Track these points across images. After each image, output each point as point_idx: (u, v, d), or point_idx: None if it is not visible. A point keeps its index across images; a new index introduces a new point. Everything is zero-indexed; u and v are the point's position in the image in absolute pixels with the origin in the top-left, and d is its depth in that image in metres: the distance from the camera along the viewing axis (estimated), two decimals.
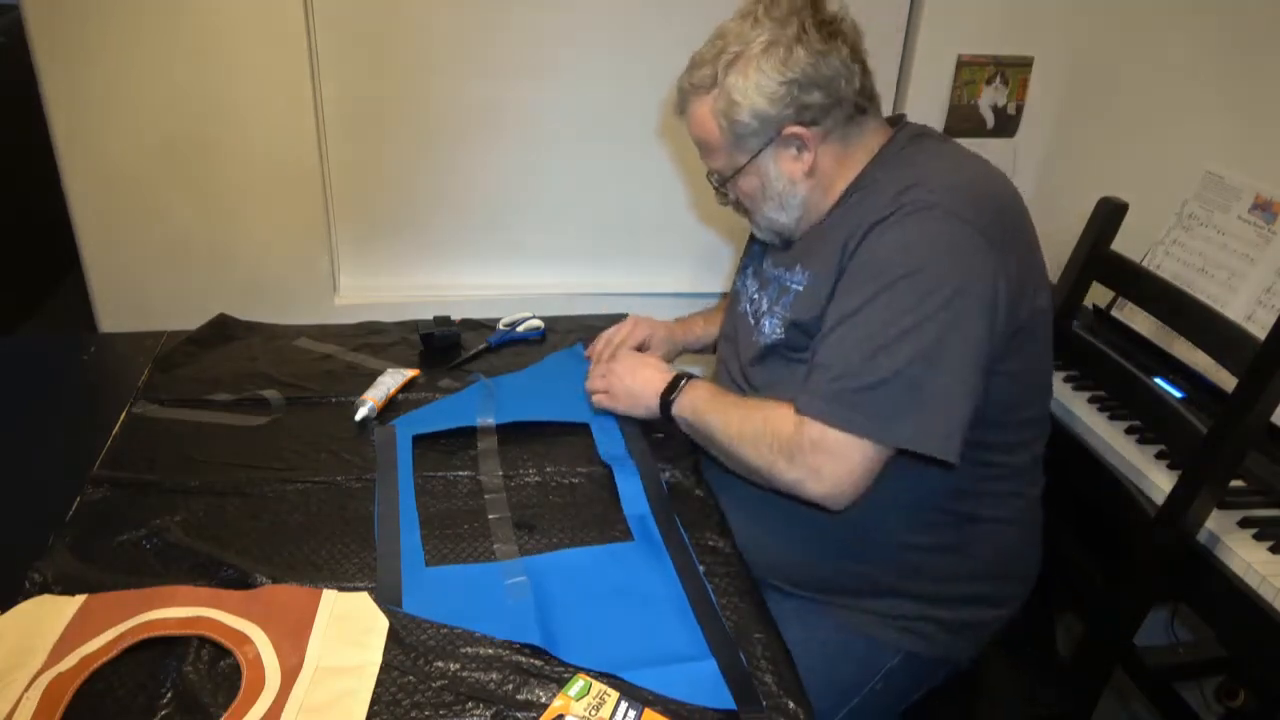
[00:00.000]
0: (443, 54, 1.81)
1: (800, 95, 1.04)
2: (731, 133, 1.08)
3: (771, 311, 1.15)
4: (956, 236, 0.97)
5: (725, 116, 1.07)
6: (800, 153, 1.08)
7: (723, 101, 1.06)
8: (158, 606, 0.90)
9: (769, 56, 1.03)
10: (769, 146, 1.08)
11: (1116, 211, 1.34)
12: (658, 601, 0.95)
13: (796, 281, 1.11)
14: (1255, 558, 1.12)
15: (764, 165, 1.09)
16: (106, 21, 1.64)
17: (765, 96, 1.04)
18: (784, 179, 1.10)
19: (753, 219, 1.18)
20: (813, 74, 1.03)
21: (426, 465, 1.16)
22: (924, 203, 0.98)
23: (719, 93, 1.06)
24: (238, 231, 1.85)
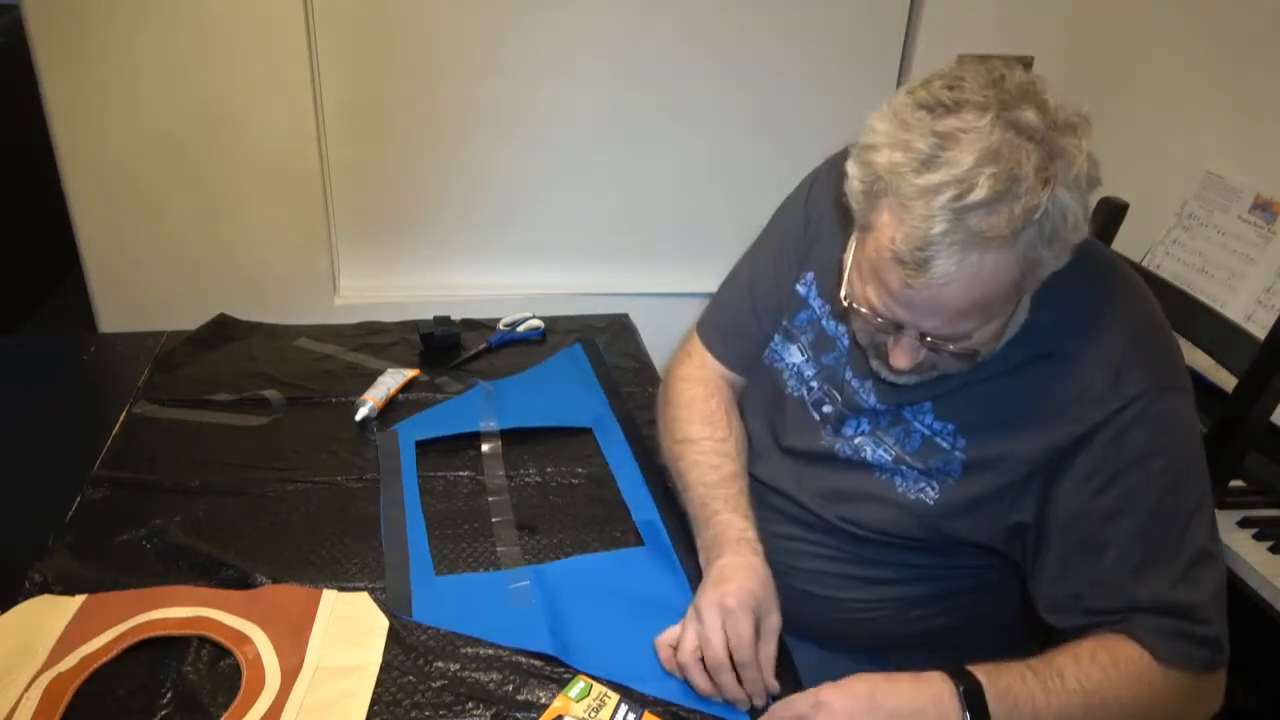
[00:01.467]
0: (443, 54, 1.81)
1: None
2: (1028, 279, 0.78)
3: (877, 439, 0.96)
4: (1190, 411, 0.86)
5: (1029, 266, 0.76)
6: None
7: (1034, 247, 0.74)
8: (158, 606, 0.90)
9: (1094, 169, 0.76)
10: None
11: (1116, 211, 1.34)
12: (667, 609, 0.94)
13: (928, 428, 0.92)
14: (1255, 558, 1.12)
15: (1022, 306, 0.85)
16: (106, 21, 1.64)
17: (1087, 223, 0.77)
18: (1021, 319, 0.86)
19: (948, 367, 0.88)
20: None
21: (428, 466, 1.16)
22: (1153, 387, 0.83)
23: (1038, 230, 0.73)
24: (238, 231, 1.85)
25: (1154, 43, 1.80)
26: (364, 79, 1.81)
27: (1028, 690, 0.79)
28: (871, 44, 1.96)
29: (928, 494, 0.92)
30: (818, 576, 1.01)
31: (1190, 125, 1.71)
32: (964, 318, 0.79)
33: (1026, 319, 0.86)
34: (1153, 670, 0.82)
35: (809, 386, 1.04)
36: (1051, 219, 0.73)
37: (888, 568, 0.98)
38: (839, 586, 1.01)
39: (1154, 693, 0.81)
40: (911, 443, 0.94)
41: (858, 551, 0.99)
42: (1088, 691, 0.80)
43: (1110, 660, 0.82)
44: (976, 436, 0.89)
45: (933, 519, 0.92)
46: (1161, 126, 1.78)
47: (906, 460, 0.93)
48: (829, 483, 1.00)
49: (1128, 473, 0.83)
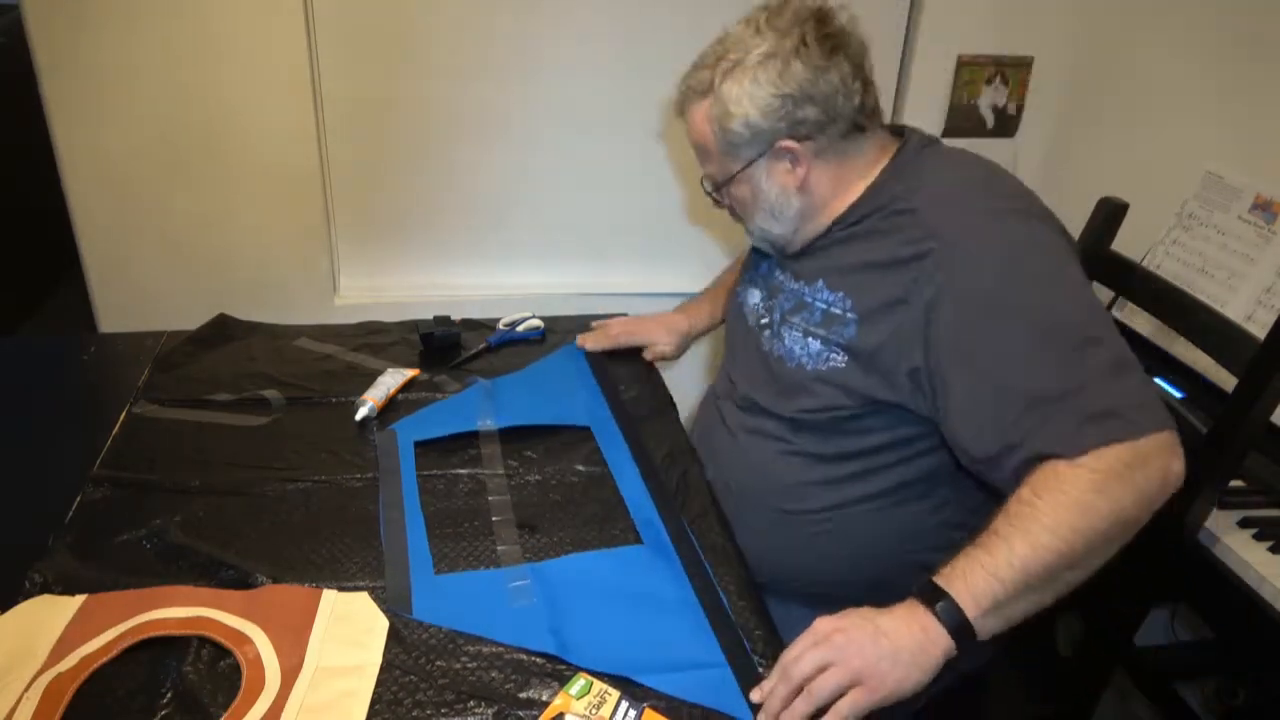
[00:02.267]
0: (443, 54, 1.81)
1: (794, 110, 1.03)
2: (725, 140, 1.07)
3: (787, 323, 1.12)
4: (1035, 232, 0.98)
5: (719, 124, 1.06)
6: (794, 166, 1.07)
7: (717, 108, 1.06)
8: (158, 606, 0.90)
9: (765, 68, 1.02)
10: (761, 158, 1.07)
11: (1116, 211, 1.34)
12: (670, 607, 0.95)
13: (824, 301, 1.08)
14: (1255, 558, 1.12)
15: (756, 175, 1.09)
16: (106, 21, 1.64)
17: (758, 108, 1.03)
18: (776, 190, 1.09)
19: (746, 226, 1.17)
20: (809, 89, 1.02)
21: (427, 465, 1.16)
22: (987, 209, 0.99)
23: (714, 99, 1.06)
24: (238, 231, 1.85)
25: (1154, 42, 1.80)
26: (364, 79, 1.81)
27: (970, 559, 0.85)
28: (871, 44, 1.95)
29: (835, 361, 1.06)
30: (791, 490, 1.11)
31: (1190, 125, 1.71)
32: (698, 155, 1.14)
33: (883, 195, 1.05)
34: (1059, 477, 0.86)
35: (757, 311, 1.21)
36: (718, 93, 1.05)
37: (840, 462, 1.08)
38: (807, 496, 1.11)
39: (1086, 499, 0.85)
40: (814, 318, 1.09)
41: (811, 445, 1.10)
42: (1020, 529, 0.85)
43: (1030, 493, 0.87)
44: (857, 295, 1.04)
45: (847, 379, 1.04)
46: (1161, 126, 1.78)
47: (811, 332, 1.08)
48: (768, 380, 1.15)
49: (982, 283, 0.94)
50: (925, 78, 1.98)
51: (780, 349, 1.13)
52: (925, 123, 2.01)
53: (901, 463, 1.07)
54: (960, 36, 1.95)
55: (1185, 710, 1.38)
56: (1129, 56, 1.87)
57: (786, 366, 1.11)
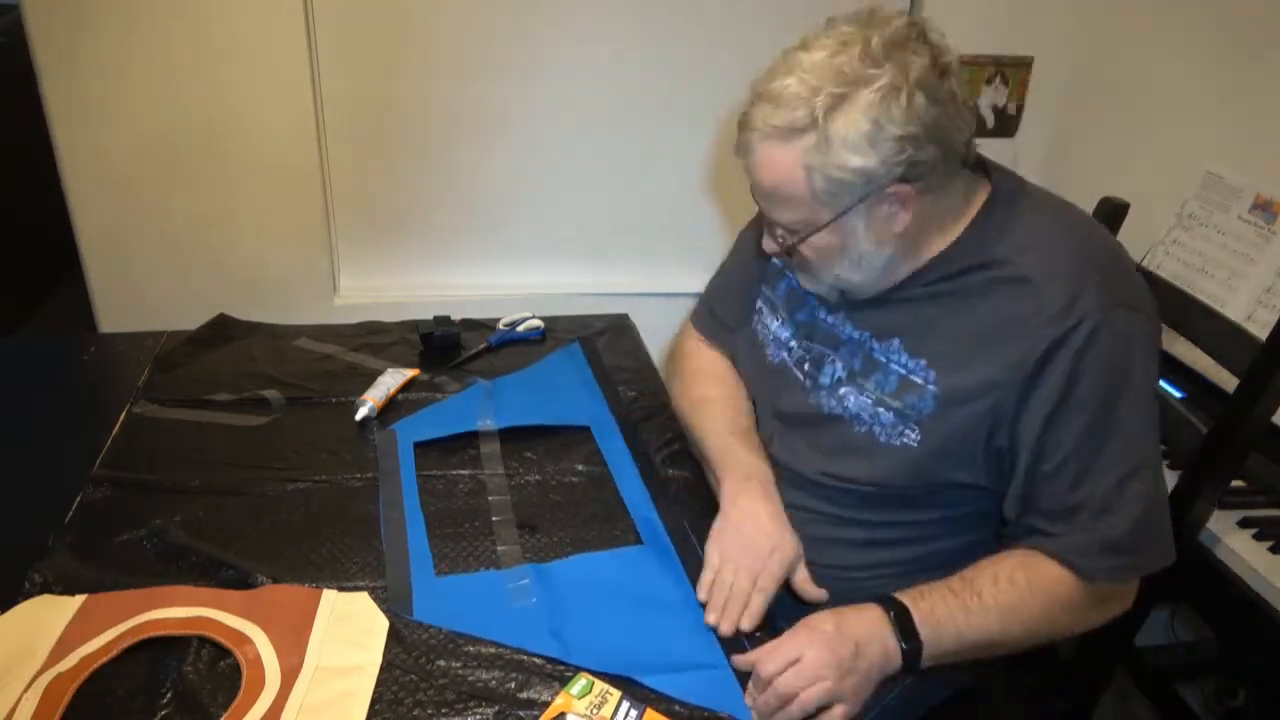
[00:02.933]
0: (443, 54, 1.81)
1: (915, 151, 0.87)
2: (824, 187, 0.89)
3: (857, 385, 1.00)
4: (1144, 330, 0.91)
5: (820, 171, 0.88)
6: (899, 210, 0.91)
7: (819, 152, 0.87)
8: (158, 606, 0.90)
9: (889, 104, 0.85)
10: (862, 204, 0.90)
11: (1116, 211, 1.34)
12: (671, 607, 0.95)
13: (902, 366, 0.97)
14: (1255, 558, 1.12)
15: (853, 224, 0.92)
16: (106, 21, 1.64)
17: (878, 152, 0.86)
18: (871, 239, 0.93)
19: (812, 275, 1.00)
20: (933, 127, 0.87)
21: (427, 465, 1.16)
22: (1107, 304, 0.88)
23: (817, 140, 0.87)
24: (238, 232, 1.85)
25: (1154, 42, 1.80)
26: (364, 79, 1.81)
27: (949, 611, 0.88)
28: None
29: (909, 438, 0.96)
30: (819, 544, 1.03)
31: (1190, 125, 1.71)
32: (775, 203, 0.94)
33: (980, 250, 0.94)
34: (1066, 588, 0.90)
35: (788, 348, 1.10)
36: (826, 133, 0.86)
37: (884, 528, 1.02)
38: (840, 554, 1.03)
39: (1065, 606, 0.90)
40: (889, 383, 0.98)
41: (854, 512, 1.02)
42: (1003, 609, 0.89)
43: (1026, 580, 0.90)
44: (946, 367, 0.94)
45: (921, 462, 0.96)
46: (1161, 126, 1.78)
47: (885, 401, 0.97)
48: (817, 443, 1.04)
49: (1079, 386, 0.88)
50: None
51: (841, 409, 1.01)
52: None
53: (955, 533, 1.01)
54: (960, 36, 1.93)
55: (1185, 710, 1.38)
56: (1129, 56, 1.87)
57: (854, 430, 1.00)
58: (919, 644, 0.87)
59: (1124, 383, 0.88)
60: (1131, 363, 0.89)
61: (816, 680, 0.82)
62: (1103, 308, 0.88)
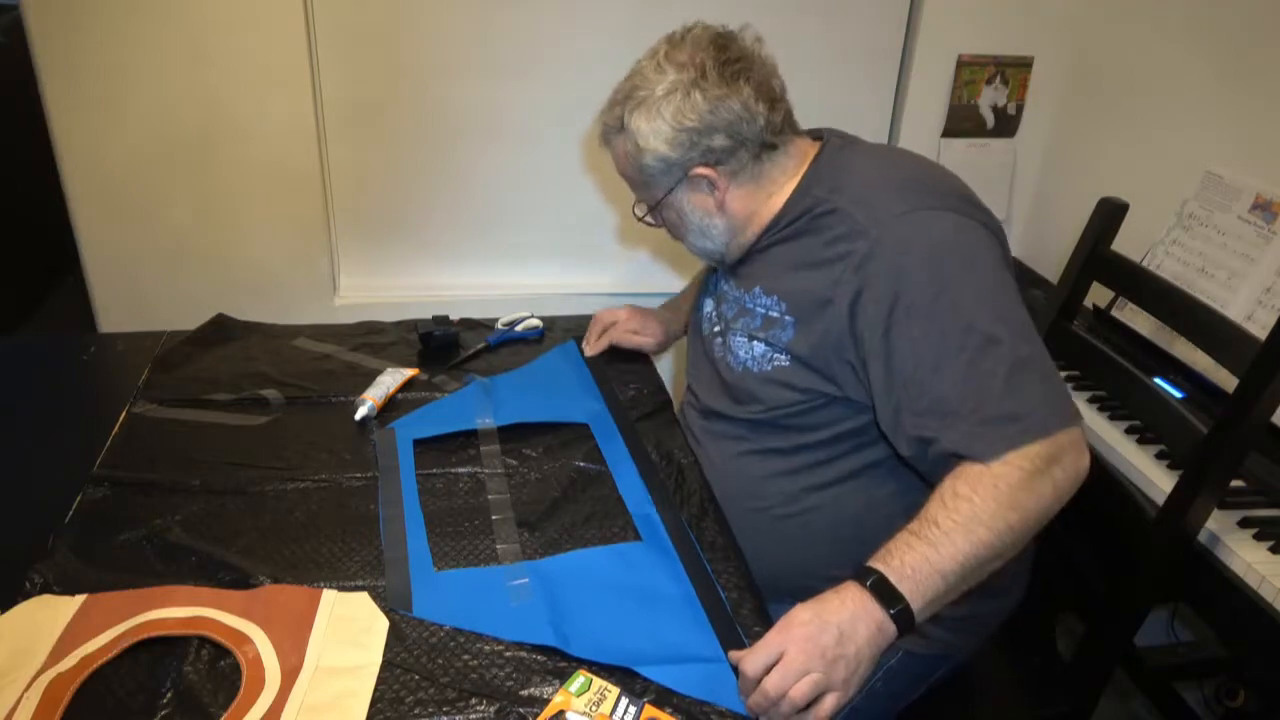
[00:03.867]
0: (442, 54, 1.81)
1: (700, 140, 1.06)
2: (643, 173, 1.11)
3: (731, 329, 1.15)
4: (954, 224, 0.99)
5: (634, 158, 1.10)
6: (711, 191, 1.10)
7: (630, 144, 1.09)
8: (158, 606, 0.90)
9: (668, 102, 1.05)
10: (679, 185, 1.11)
11: (1116, 211, 1.34)
12: (670, 602, 0.95)
13: (763, 306, 1.11)
14: (1255, 558, 1.12)
15: (678, 201, 1.12)
16: (106, 22, 1.64)
17: (665, 142, 1.06)
18: (699, 213, 1.13)
19: (684, 244, 1.20)
20: (711, 120, 1.05)
21: (427, 463, 1.16)
22: (905, 207, 0.99)
23: (626, 135, 1.09)
24: (238, 231, 1.85)
25: (1154, 42, 1.80)
26: (364, 79, 1.81)
27: (918, 556, 0.88)
28: (871, 44, 1.96)
29: (779, 361, 1.08)
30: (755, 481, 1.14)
31: (1190, 125, 1.71)
32: (628, 184, 1.17)
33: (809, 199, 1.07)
34: (991, 473, 0.91)
35: (710, 319, 1.23)
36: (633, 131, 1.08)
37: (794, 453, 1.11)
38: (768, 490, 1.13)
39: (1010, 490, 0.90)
40: (755, 321, 1.12)
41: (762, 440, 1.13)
42: (962, 525, 0.89)
43: (968, 487, 0.91)
44: (791, 298, 1.07)
45: (791, 378, 1.07)
46: (1161, 126, 1.78)
47: (755, 336, 1.11)
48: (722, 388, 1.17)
49: (899, 289, 0.96)
50: (925, 78, 1.98)
51: (728, 355, 1.16)
52: (925, 123, 2.03)
53: (855, 450, 1.09)
54: (960, 37, 1.95)
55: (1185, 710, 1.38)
56: (1129, 57, 1.87)
57: (734, 371, 1.14)
58: (905, 603, 0.86)
59: (946, 273, 0.96)
60: (947, 253, 0.97)
61: (802, 674, 0.82)
62: (903, 213, 0.99)
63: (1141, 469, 1.30)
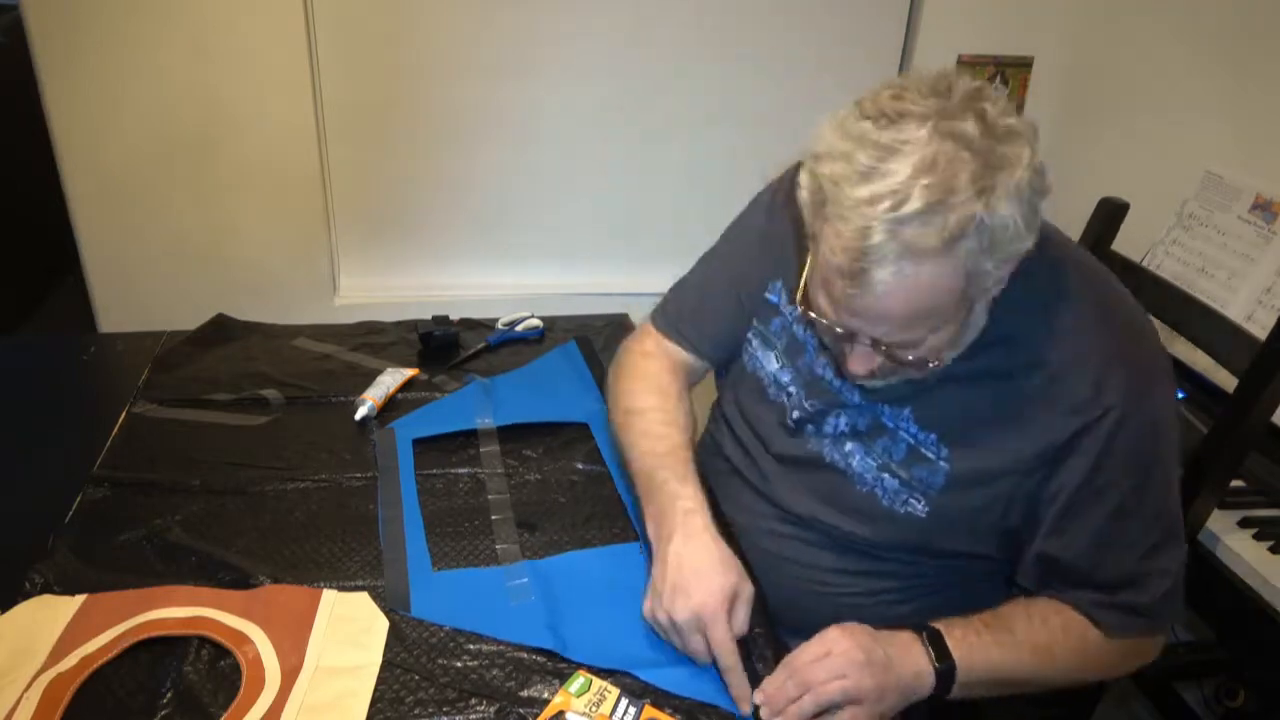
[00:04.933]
0: (443, 54, 1.81)
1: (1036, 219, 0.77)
2: (971, 289, 0.77)
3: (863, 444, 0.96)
4: (1176, 403, 0.92)
5: (970, 276, 0.75)
6: None
7: (981, 242, 0.73)
8: (158, 606, 0.90)
9: (1037, 180, 0.74)
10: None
11: (1116, 211, 1.34)
12: None
13: (912, 435, 0.93)
14: (1255, 558, 1.12)
15: (977, 312, 0.82)
16: (106, 22, 1.64)
17: (1031, 230, 0.75)
18: (979, 326, 0.84)
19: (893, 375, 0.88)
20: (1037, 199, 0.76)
21: (427, 464, 1.16)
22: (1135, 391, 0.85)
23: (977, 231, 0.72)
24: (238, 231, 1.85)
25: (1154, 42, 1.80)
26: (364, 79, 1.81)
27: (982, 642, 0.88)
28: (871, 44, 1.96)
29: (915, 507, 0.94)
30: (808, 571, 1.03)
31: (1190, 125, 1.71)
32: (910, 326, 0.79)
33: (1000, 327, 0.86)
34: (1095, 638, 0.91)
35: (788, 393, 1.03)
36: (990, 230, 0.72)
37: (879, 563, 1.00)
38: (829, 582, 1.02)
39: (1096, 655, 0.92)
40: (898, 451, 0.94)
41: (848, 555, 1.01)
42: (1035, 647, 0.89)
43: (1060, 623, 0.91)
44: (960, 447, 0.90)
45: (926, 533, 0.94)
46: (1161, 126, 1.78)
47: (891, 468, 0.94)
48: (815, 488, 1.01)
49: (1103, 473, 0.87)
50: None
51: (844, 464, 0.98)
52: None
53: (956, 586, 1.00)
54: (960, 36, 1.95)
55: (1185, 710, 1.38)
56: (1129, 57, 1.87)
57: (855, 489, 0.97)
58: (952, 664, 0.85)
59: (1153, 464, 0.87)
60: (1160, 444, 0.88)
61: (837, 676, 0.81)
62: (1130, 395, 0.84)
63: None
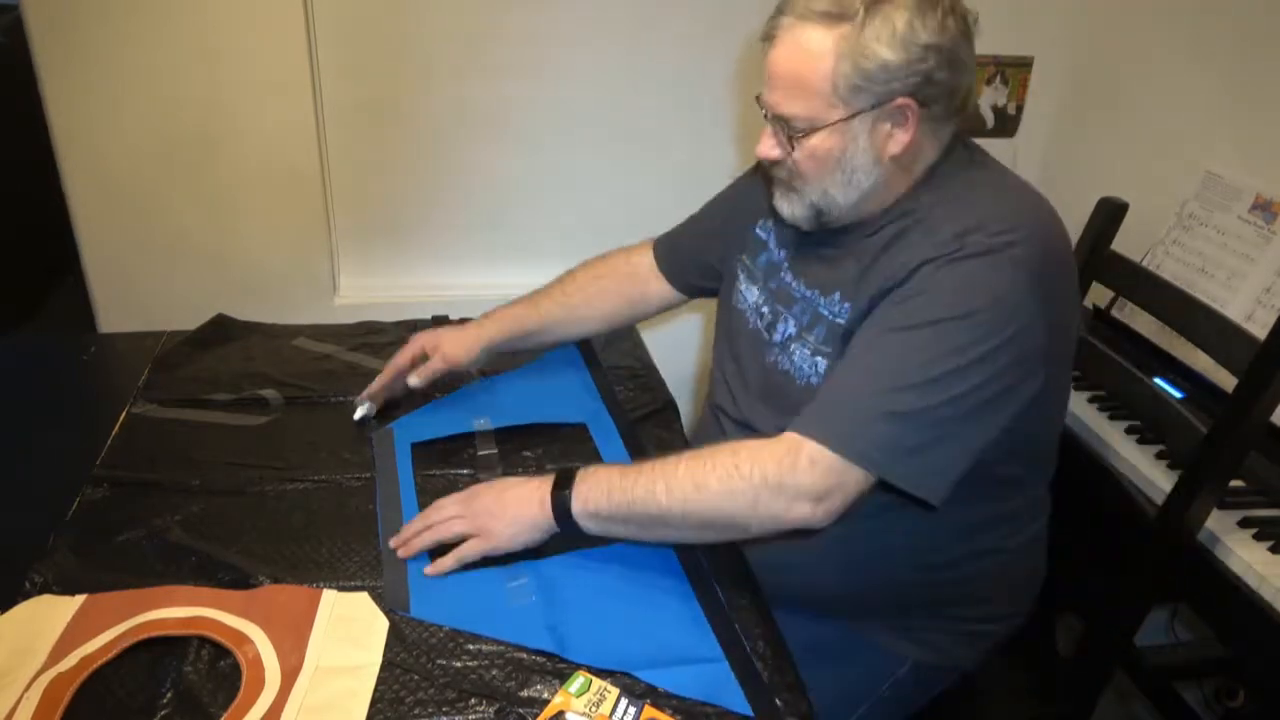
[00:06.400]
0: (443, 54, 1.81)
1: (935, 67, 0.90)
2: (845, 79, 0.91)
3: (803, 340, 1.05)
4: (1014, 283, 0.90)
5: (849, 58, 0.90)
6: (895, 129, 0.94)
7: (855, 40, 0.89)
8: (158, 606, 0.90)
9: (925, 12, 0.89)
10: (872, 110, 0.92)
11: (1116, 211, 1.34)
12: (668, 603, 0.95)
13: (837, 313, 1.01)
14: (1255, 558, 1.12)
15: (856, 129, 0.94)
16: (106, 22, 1.64)
17: (906, 53, 0.89)
18: (869, 153, 0.95)
19: (796, 188, 1.01)
20: (954, 50, 0.91)
21: (426, 464, 1.16)
22: (986, 245, 0.90)
23: (854, 28, 0.89)
24: (238, 231, 1.85)
25: (1154, 42, 1.80)
26: (364, 79, 1.81)
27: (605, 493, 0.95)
28: None
29: None
30: None
31: (1190, 125, 1.71)
32: (791, 95, 0.94)
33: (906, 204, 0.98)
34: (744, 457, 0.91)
35: (760, 314, 1.13)
36: (862, 23, 0.89)
37: None
38: None
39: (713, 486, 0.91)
40: (822, 333, 1.03)
41: None
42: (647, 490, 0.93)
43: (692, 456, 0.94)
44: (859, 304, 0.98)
45: None
46: (1161, 126, 1.78)
47: (821, 350, 1.03)
48: (772, 402, 1.08)
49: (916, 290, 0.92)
50: None
51: (787, 364, 1.06)
52: None
53: None
54: None
55: (1185, 710, 1.38)
56: (1129, 57, 1.87)
57: (795, 384, 1.05)
58: (569, 493, 0.96)
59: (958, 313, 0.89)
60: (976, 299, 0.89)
61: (453, 516, 0.99)
62: (977, 247, 0.90)
63: (1141, 469, 1.30)
